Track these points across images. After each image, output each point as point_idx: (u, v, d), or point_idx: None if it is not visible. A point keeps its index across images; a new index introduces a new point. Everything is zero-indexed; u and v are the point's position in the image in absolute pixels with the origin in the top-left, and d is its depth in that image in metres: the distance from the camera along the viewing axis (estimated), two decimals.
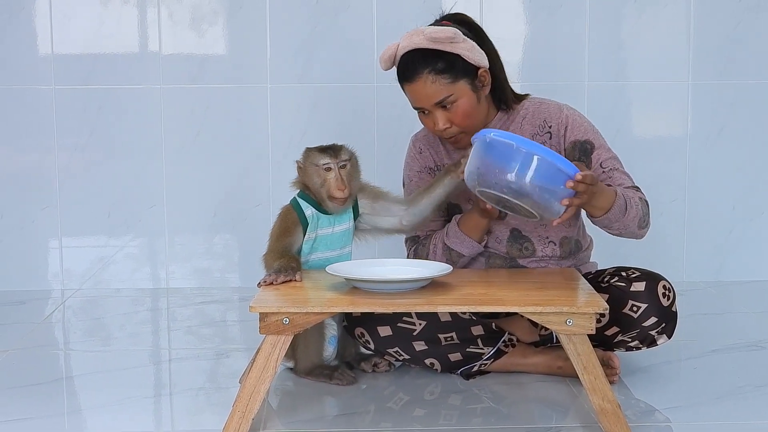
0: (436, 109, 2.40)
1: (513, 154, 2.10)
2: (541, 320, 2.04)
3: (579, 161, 2.44)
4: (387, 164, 3.38)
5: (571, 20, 3.52)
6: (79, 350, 2.83)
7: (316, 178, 2.39)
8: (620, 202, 2.29)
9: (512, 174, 2.10)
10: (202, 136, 3.56)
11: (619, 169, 2.45)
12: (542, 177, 2.10)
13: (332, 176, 2.38)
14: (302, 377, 2.46)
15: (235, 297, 3.46)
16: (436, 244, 2.52)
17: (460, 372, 2.47)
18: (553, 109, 2.49)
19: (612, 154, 2.47)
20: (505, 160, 2.11)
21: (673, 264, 3.57)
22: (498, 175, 2.12)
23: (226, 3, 3.54)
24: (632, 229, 2.36)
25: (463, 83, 2.39)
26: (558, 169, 2.10)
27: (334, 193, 2.37)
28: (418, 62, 2.38)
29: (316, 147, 2.44)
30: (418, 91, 2.40)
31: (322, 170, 2.39)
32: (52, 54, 3.51)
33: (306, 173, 2.42)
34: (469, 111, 2.41)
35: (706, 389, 2.39)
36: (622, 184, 2.42)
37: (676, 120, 3.60)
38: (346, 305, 2.10)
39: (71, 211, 3.57)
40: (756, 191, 3.61)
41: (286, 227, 2.40)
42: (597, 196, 2.22)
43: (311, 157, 2.41)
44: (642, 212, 2.37)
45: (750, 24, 3.53)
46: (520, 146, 2.10)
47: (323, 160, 2.39)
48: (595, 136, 2.47)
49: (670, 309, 2.38)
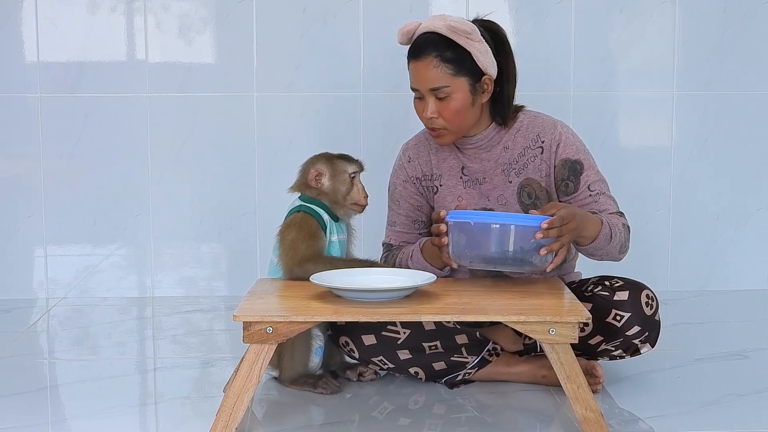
0: (430, 96, 2.42)
1: (488, 232, 2.20)
2: (525, 329, 2.05)
3: (567, 180, 2.45)
4: (373, 173, 3.38)
5: (558, 30, 3.54)
6: (64, 359, 2.82)
7: (343, 187, 2.45)
8: (606, 231, 2.33)
9: (492, 250, 2.20)
10: (188, 145, 3.56)
11: (606, 193, 2.47)
12: (521, 241, 2.19)
13: (359, 184, 2.47)
14: (287, 386, 2.46)
15: (221, 306, 3.45)
16: (402, 260, 2.53)
17: (445, 381, 2.47)
18: (547, 125, 2.50)
19: (600, 177, 2.48)
20: (483, 239, 2.21)
21: (658, 273, 3.59)
22: (481, 253, 2.22)
23: (213, 11, 3.54)
24: (613, 255, 2.42)
25: (463, 80, 2.40)
26: (531, 228, 2.18)
27: (360, 200, 2.47)
28: (430, 44, 2.40)
29: (332, 154, 2.49)
30: (420, 71, 2.41)
31: (349, 178, 2.46)
32: (38, 62, 3.50)
33: (333, 180, 2.46)
34: (460, 110, 2.42)
35: (690, 398, 2.40)
36: (607, 209, 2.44)
37: (661, 130, 3.61)
38: (329, 314, 2.11)
39: (56, 220, 3.56)
40: (741, 201, 3.63)
41: (312, 232, 2.41)
42: (582, 227, 2.27)
43: (339, 165, 2.47)
44: (624, 238, 2.42)
45: (735, 35, 3.55)
46: (490, 222, 2.19)
47: (351, 168, 2.47)
48: (585, 157, 2.48)
49: (653, 318, 2.39)
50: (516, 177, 2.49)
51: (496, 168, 2.51)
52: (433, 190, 2.56)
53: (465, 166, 2.53)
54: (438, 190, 2.55)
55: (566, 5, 3.53)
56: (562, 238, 2.20)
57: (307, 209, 2.44)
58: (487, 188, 2.51)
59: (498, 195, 2.50)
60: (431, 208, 2.59)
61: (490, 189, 2.51)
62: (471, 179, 2.52)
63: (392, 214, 2.63)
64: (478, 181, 2.52)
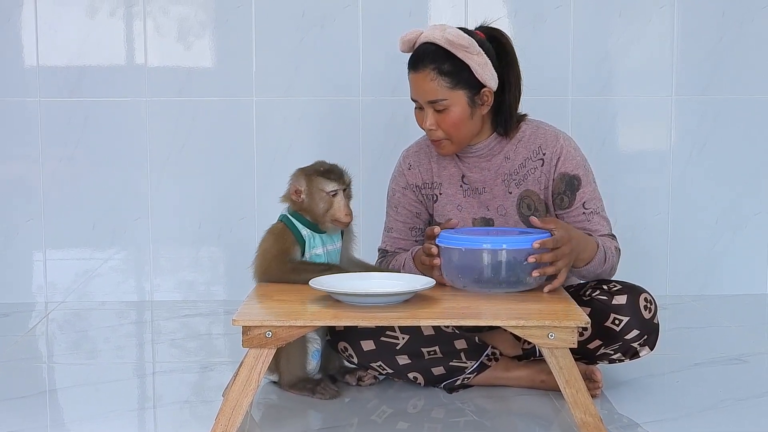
0: (428, 108, 2.42)
1: (479, 257, 2.23)
2: (523, 334, 2.05)
3: (563, 194, 2.46)
4: (372, 177, 3.39)
5: (556, 34, 3.54)
6: (63, 363, 2.82)
7: (321, 204, 2.38)
8: (601, 254, 2.36)
9: (484, 274, 2.23)
10: (187, 149, 3.56)
11: (600, 213, 2.47)
12: (513, 263, 2.22)
13: (340, 201, 2.38)
14: (286, 390, 2.46)
15: (220, 310, 3.45)
16: (394, 267, 2.53)
17: (444, 386, 2.47)
18: (549, 136, 2.49)
19: (597, 196, 2.48)
20: (475, 264, 2.24)
21: (656, 278, 3.59)
22: (473, 277, 2.25)
23: (212, 16, 3.55)
24: (602, 277, 2.44)
25: (461, 93, 2.40)
26: (523, 251, 2.21)
27: (342, 218, 2.38)
28: (428, 56, 2.39)
29: (314, 170, 2.41)
30: (418, 83, 2.41)
31: (328, 196, 2.38)
32: (38, 66, 3.51)
33: (310, 198, 2.39)
34: (458, 123, 2.41)
35: (689, 402, 2.40)
36: (599, 230, 2.45)
37: (659, 134, 3.62)
38: (329, 319, 2.11)
39: (56, 223, 3.56)
40: (739, 205, 3.63)
41: (285, 248, 2.39)
42: (580, 250, 2.29)
43: (316, 183, 2.39)
44: (614, 261, 2.44)
45: (734, 39, 3.56)
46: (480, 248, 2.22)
47: (330, 187, 2.38)
48: (585, 173, 2.47)
49: (651, 321, 2.39)
50: (516, 188, 2.49)
51: (497, 178, 2.50)
52: (433, 198, 2.56)
53: (465, 174, 2.52)
54: (438, 199, 2.55)
55: (565, 9, 3.54)
56: (557, 263, 2.22)
57: (288, 221, 2.42)
58: (487, 198, 2.51)
59: (498, 205, 2.50)
60: (430, 216, 2.59)
61: (489, 199, 2.51)
62: (471, 188, 2.52)
63: (390, 220, 2.63)
64: (478, 190, 2.52)
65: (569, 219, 2.46)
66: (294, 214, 2.43)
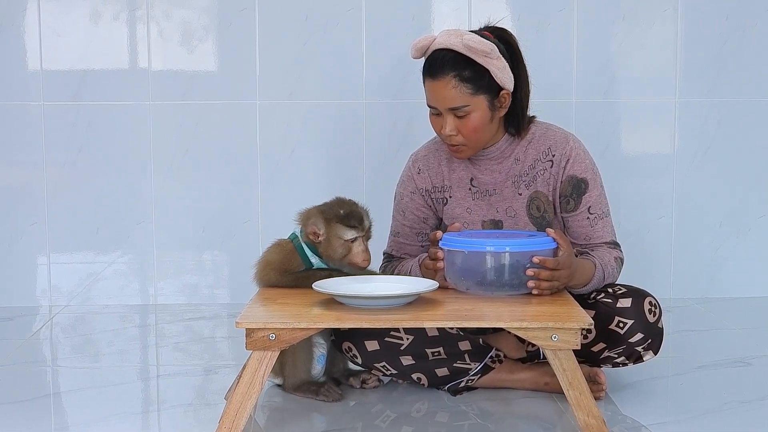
0: (449, 114, 2.40)
1: (483, 260, 2.23)
2: (527, 335, 2.05)
3: (569, 197, 2.45)
4: (376, 181, 3.39)
5: (560, 38, 3.54)
6: (67, 366, 2.82)
7: (340, 250, 2.35)
8: (598, 275, 2.37)
9: (487, 276, 2.23)
10: (191, 153, 3.56)
11: (605, 218, 2.47)
12: (516, 265, 2.22)
13: (358, 247, 2.35)
14: (290, 393, 2.46)
15: (223, 313, 3.45)
16: (401, 272, 2.53)
17: (448, 388, 2.47)
18: (559, 138, 2.48)
19: (603, 200, 2.48)
20: (478, 266, 2.24)
21: (660, 281, 3.59)
22: (476, 279, 2.25)
23: (215, 20, 3.55)
24: (599, 288, 2.44)
25: (482, 98, 2.39)
26: (526, 253, 2.22)
27: (360, 264, 2.35)
28: (447, 63, 2.37)
29: (335, 214, 2.35)
30: (438, 91, 2.39)
31: (348, 243, 2.35)
32: (41, 70, 3.51)
33: (328, 243, 2.34)
34: (479, 127, 2.41)
35: (693, 405, 2.40)
36: (602, 237, 2.45)
37: (663, 138, 3.61)
38: (332, 321, 2.10)
39: (60, 227, 3.57)
40: (743, 208, 3.63)
41: (289, 267, 2.38)
42: (576, 277, 2.30)
43: (336, 230, 2.34)
44: (614, 273, 2.43)
45: (737, 43, 3.55)
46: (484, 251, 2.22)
47: (350, 235, 2.34)
48: (592, 177, 2.47)
49: (656, 325, 2.39)
50: (525, 189, 2.48)
51: (507, 180, 2.50)
52: (443, 201, 2.55)
53: (474, 177, 2.52)
54: (448, 202, 2.55)
55: (568, 13, 3.54)
56: (553, 282, 2.23)
57: (299, 247, 2.39)
58: (496, 200, 2.51)
59: (507, 207, 2.50)
60: (438, 220, 2.58)
61: (499, 201, 2.51)
62: (480, 191, 2.52)
63: (396, 224, 2.62)
64: (487, 192, 2.51)
65: (573, 222, 2.45)
66: (308, 243, 2.39)
